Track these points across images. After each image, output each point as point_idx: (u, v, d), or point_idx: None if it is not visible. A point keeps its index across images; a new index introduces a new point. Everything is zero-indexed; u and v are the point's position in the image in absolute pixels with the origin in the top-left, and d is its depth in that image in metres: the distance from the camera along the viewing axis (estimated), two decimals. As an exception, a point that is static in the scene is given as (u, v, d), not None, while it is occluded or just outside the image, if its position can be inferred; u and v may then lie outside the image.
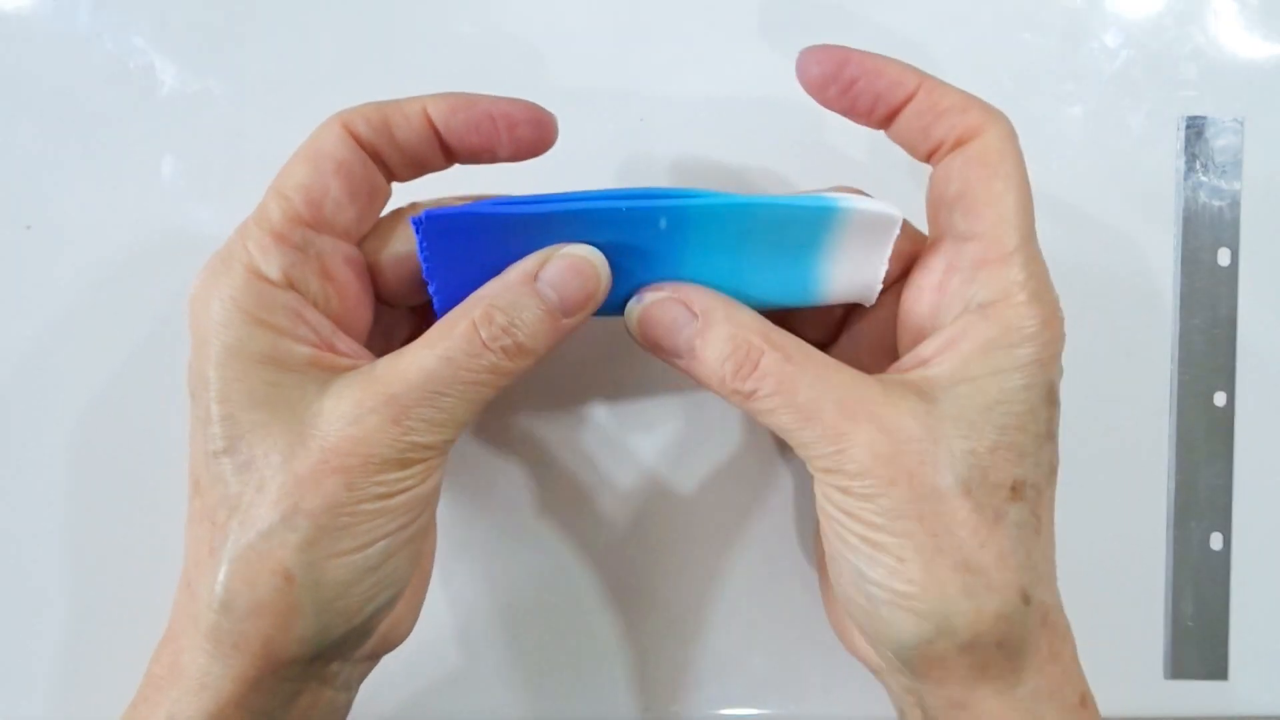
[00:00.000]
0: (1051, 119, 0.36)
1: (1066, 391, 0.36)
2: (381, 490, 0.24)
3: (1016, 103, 0.35)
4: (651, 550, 0.35)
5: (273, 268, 0.25)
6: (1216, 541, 0.36)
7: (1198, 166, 0.36)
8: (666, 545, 0.35)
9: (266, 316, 0.25)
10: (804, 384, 0.25)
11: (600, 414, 0.35)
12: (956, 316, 0.26)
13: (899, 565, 0.24)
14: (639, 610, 0.35)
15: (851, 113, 0.27)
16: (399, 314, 0.30)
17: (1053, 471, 0.26)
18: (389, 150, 0.27)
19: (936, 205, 0.27)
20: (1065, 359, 0.35)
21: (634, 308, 0.27)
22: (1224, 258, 0.36)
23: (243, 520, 0.24)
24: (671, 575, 0.35)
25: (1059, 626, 0.26)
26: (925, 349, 0.26)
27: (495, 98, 0.28)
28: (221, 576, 0.24)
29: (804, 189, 0.29)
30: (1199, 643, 0.35)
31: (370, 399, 0.24)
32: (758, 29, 0.35)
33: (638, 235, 0.26)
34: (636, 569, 0.35)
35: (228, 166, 0.35)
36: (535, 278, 0.25)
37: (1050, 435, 0.26)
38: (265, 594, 0.24)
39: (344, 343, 0.27)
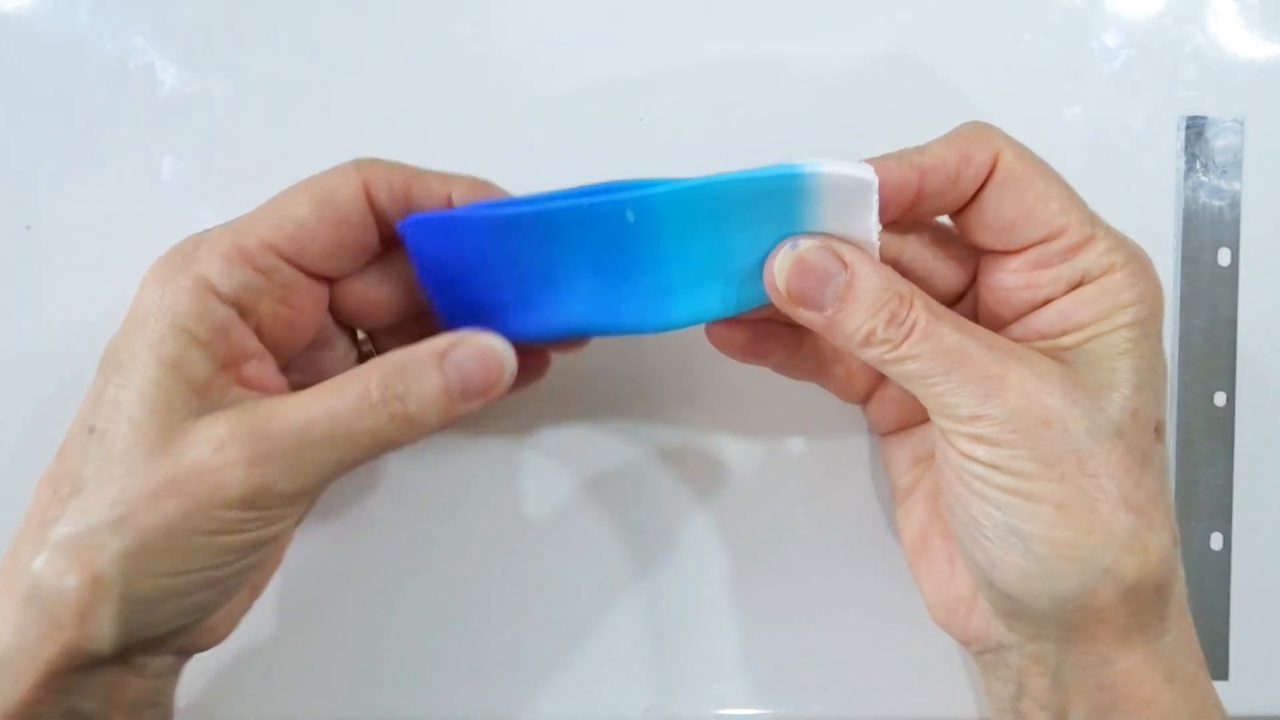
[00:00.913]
0: (1051, 119, 0.36)
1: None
2: (216, 526, 0.24)
3: (1016, 102, 0.36)
4: (651, 550, 0.35)
5: (226, 283, 0.25)
6: (1216, 541, 0.36)
7: (1198, 166, 0.36)
8: (666, 545, 0.35)
9: (192, 325, 0.25)
10: (950, 331, 0.25)
11: (599, 413, 0.35)
12: (1059, 297, 0.26)
13: (1059, 513, 0.24)
14: (639, 611, 0.35)
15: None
16: (339, 337, 0.30)
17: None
18: (399, 218, 0.27)
19: (995, 235, 0.27)
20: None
21: (787, 255, 0.26)
22: (1224, 258, 0.36)
23: (78, 506, 0.24)
24: (671, 576, 0.35)
25: (1181, 574, 0.27)
26: (1036, 323, 0.27)
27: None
28: (42, 556, 0.24)
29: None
30: (1199, 642, 0.35)
31: (238, 432, 0.24)
32: (757, 29, 0.35)
33: (609, 230, 0.26)
34: (636, 569, 0.35)
35: (228, 166, 0.35)
36: (443, 356, 0.25)
37: (1166, 381, 0.27)
38: (70, 588, 0.23)
39: (261, 370, 0.26)
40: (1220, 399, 0.36)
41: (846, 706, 0.35)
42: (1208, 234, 0.36)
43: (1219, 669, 0.35)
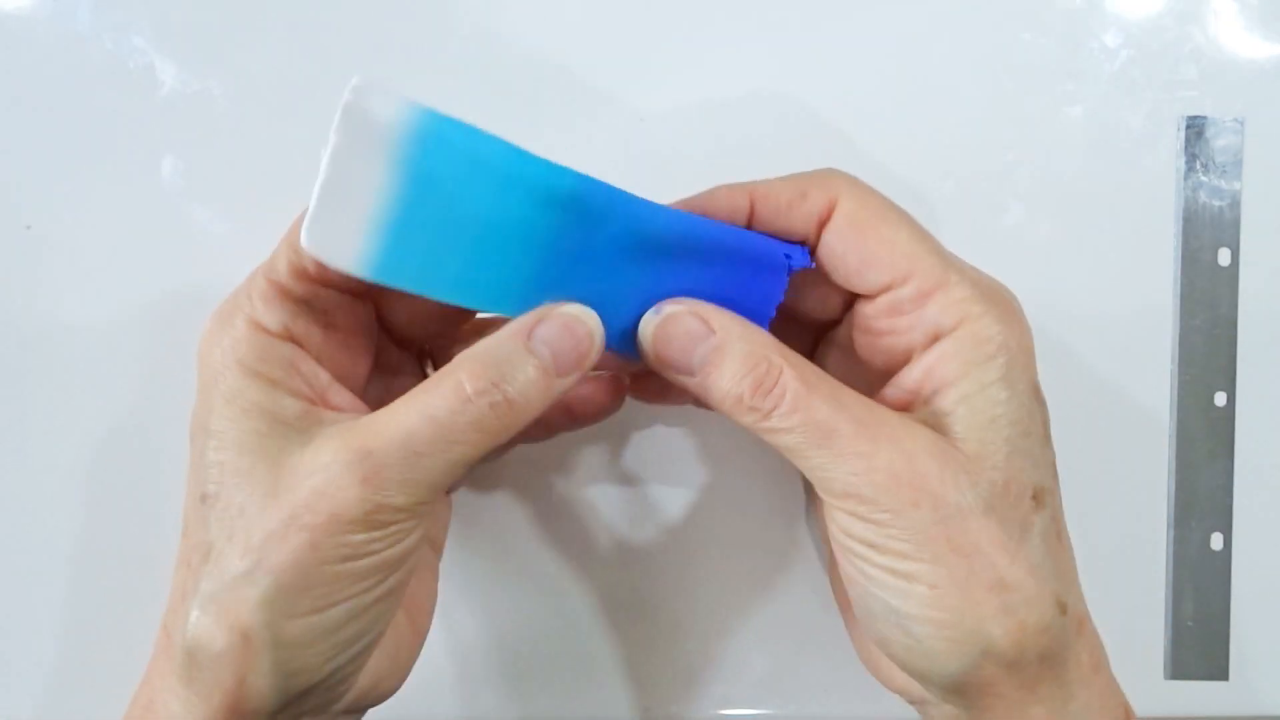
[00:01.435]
0: (1051, 119, 0.36)
1: (1067, 392, 0.36)
2: (347, 552, 0.24)
3: (1016, 103, 0.36)
4: (652, 551, 0.35)
5: (273, 320, 0.25)
6: (1217, 541, 0.36)
7: (1198, 166, 0.36)
8: (667, 546, 0.35)
9: (262, 368, 0.25)
10: (821, 403, 0.24)
11: (600, 414, 0.35)
12: (923, 349, 0.26)
13: (932, 593, 0.24)
14: (640, 611, 0.35)
15: None
16: (406, 361, 0.30)
17: (1055, 473, 0.26)
18: None
19: (846, 277, 0.27)
20: (1066, 361, 0.35)
21: (650, 320, 0.26)
22: (1224, 258, 0.36)
23: (212, 569, 0.24)
24: (672, 576, 0.35)
25: (1093, 634, 0.26)
26: (905, 381, 0.26)
27: None
28: (190, 623, 0.24)
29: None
30: (1199, 643, 0.35)
31: (344, 454, 0.23)
32: (757, 29, 0.35)
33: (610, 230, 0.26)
34: (637, 570, 0.35)
35: (228, 166, 0.35)
36: (530, 335, 0.25)
37: (1047, 436, 0.26)
38: (224, 647, 0.23)
39: (339, 396, 0.26)
40: (1220, 399, 0.36)
41: (846, 706, 0.35)
42: (1208, 234, 0.36)
43: (1219, 669, 0.35)
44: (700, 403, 0.28)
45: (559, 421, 0.30)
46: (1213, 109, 0.36)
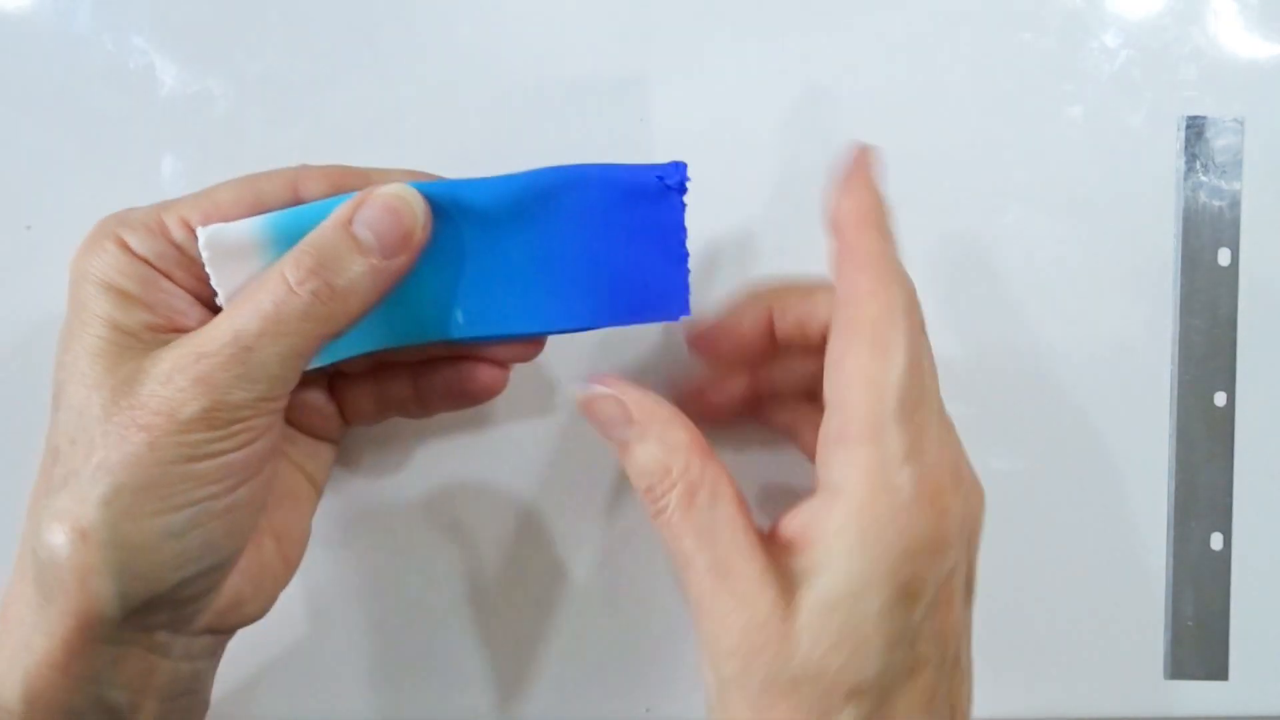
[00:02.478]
0: (1051, 119, 0.36)
1: (1067, 392, 0.36)
2: (186, 452, 0.24)
3: (1016, 103, 0.36)
4: (653, 551, 0.35)
5: (143, 247, 0.26)
6: (1216, 541, 0.36)
7: (1198, 166, 0.36)
8: (666, 545, 0.35)
9: (117, 282, 0.25)
10: (688, 537, 0.25)
11: (600, 414, 0.35)
12: (820, 491, 0.25)
13: None
14: (640, 610, 0.35)
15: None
16: None
17: (912, 672, 0.24)
18: None
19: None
20: (1065, 360, 0.35)
21: (579, 394, 0.27)
22: (1224, 258, 0.36)
23: (62, 472, 0.24)
24: (672, 575, 0.35)
25: None
26: (793, 523, 0.25)
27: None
28: (39, 527, 0.24)
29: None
30: (1199, 643, 0.35)
31: (182, 359, 0.24)
32: (757, 29, 0.35)
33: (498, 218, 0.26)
34: (638, 570, 0.35)
35: (228, 166, 0.34)
36: (350, 220, 0.25)
37: (904, 639, 0.24)
38: (65, 548, 0.23)
39: (196, 318, 0.26)
40: (1220, 399, 0.36)
41: (846, 706, 0.35)
42: (1208, 234, 0.36)
43: (1219, 669, 0.35)
44: (760, 419, 0.30)
45: (436, 402, 0.30)
46: (1213, 109, 0.36)
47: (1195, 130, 0.36)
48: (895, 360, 0.24)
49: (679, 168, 0.27)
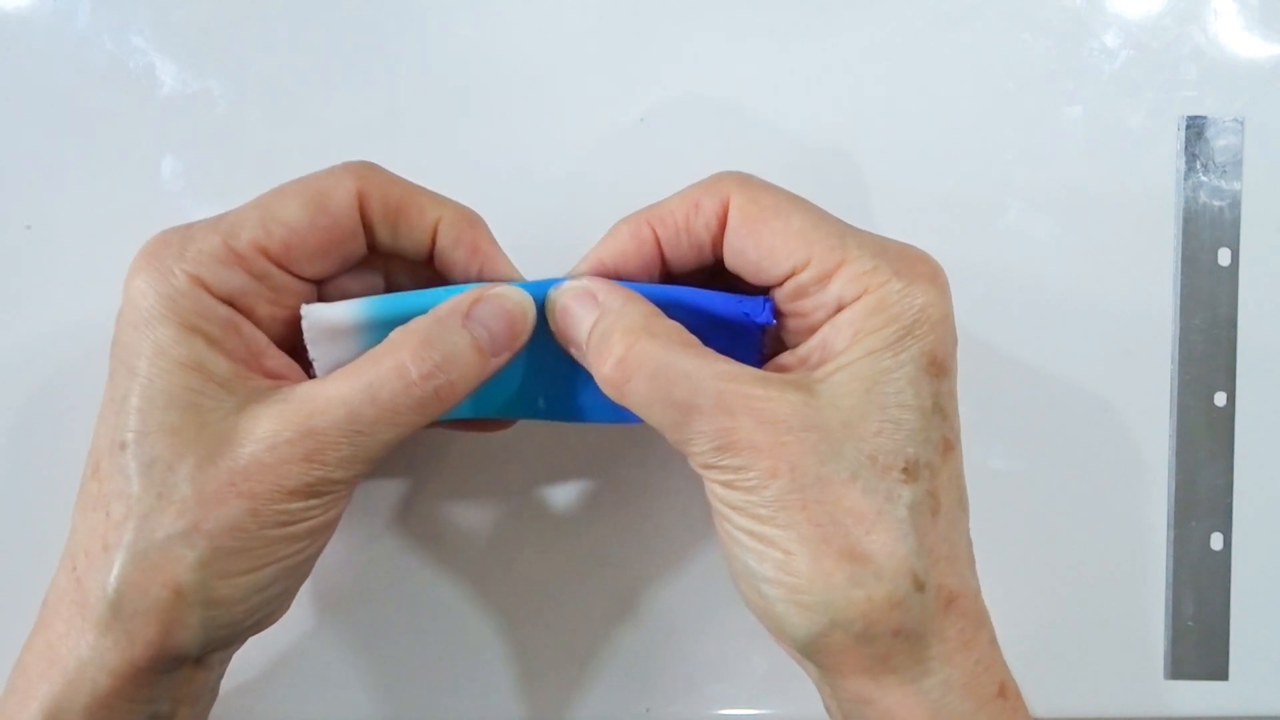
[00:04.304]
0: (1051, 119, 0.36)
1: (1066, 391, 0.36)
2: (285, 519, 0.24)
3: (1016, 103, 0.36)
4: (653, 551, 0.35)
5: (220, 284, 0.25)
6: (1216, 541, 0.36)
7: (1198, 166, 0.36)
8: (668, 546, 0.35)
9: (200, 325, 0.25)
10: (680, 376, 0.24)
11: (600, 414, 0.35)
12: (825, 320, 0.26)
13: (786, 558, 0.24)
14: (640, 611, 0.35)
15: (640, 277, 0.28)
16: None
17: (948, 447, 0.25)
18: (385, 233, 0.27)
19: (753, 274, 0.27)
20: (1065, 360, 0.35)
21: (554, 297, 0.27)
22: (1224, 258, 0.36)
23: (140, 524, 0.24)
24: (672, 577, 0.35)
25: (971, 612, 0.25)
26: (802, 350, 0.26)
27: (494, 249, 0.28)
28: (114, 576, 0.24)
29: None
30: (1199, 643, 0.35)
31: (288, 428, 0.24)
32: (756, 29, 0.35)
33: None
34: (637, 570, 0.35)
35: (228, 166, 0.35)
36: (468, 315, 0.25)
37: (938, 409, 0.25)
38: (154, 603, 0.24)
39: (276, 360, 0.27)
40: (1220, 399, 0.36)
41: (846, 706, 0.35)
42: (1208, 234, 0.36)
43: (1219, 669, 0.35)
44: None
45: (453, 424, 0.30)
46: (1213, 109, 0.36)
47: (1195, 130, 0.36)
48: (796, 203, 0.26)
49: (766, 306, 0.27)
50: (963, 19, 0.36)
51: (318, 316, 0.26)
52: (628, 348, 0.25)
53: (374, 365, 0.25)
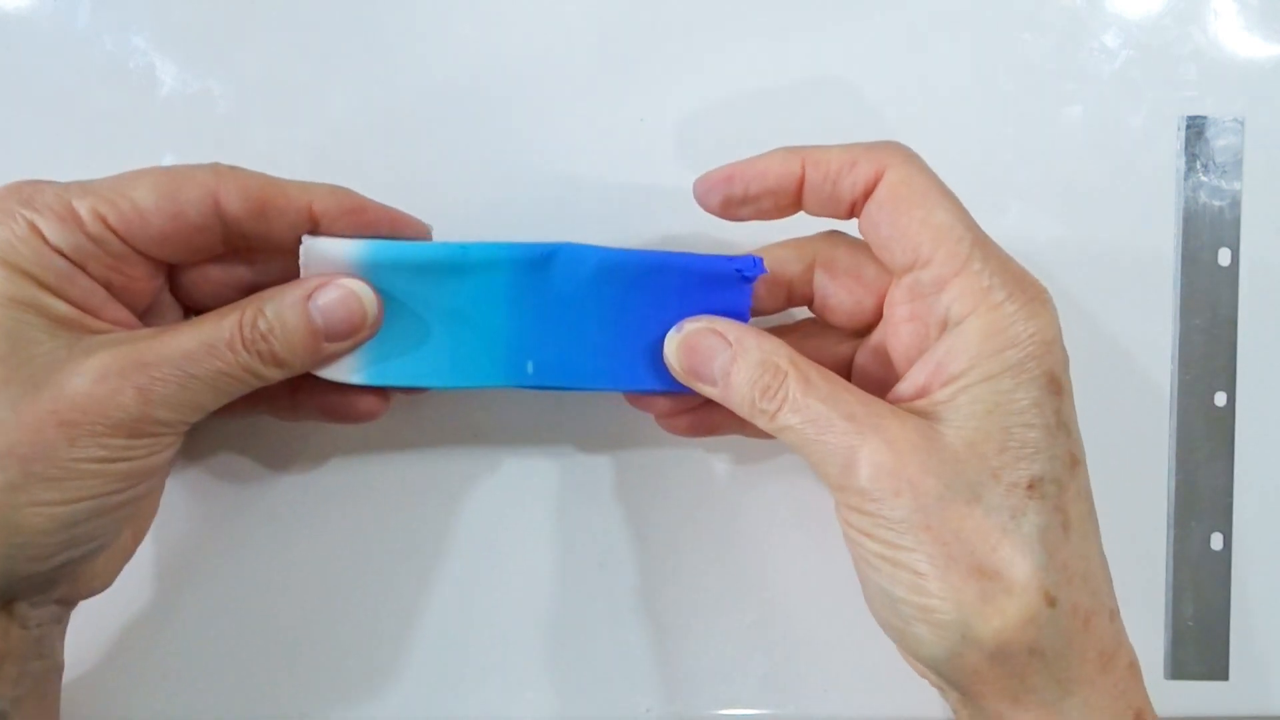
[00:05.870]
0: (1051, 119, 0.36)
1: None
2: (104, 454, 0.25)
3: (1016, 103, 0.36)
4: (653, 551, 0.35)
5: (60, 239, 0.25)
6: (1216, 541, 0.36)
7: (1198, 166, 0.36)
8: (668, 546, 0.35)
9: (35, 271, 0.25)
10: (817, 403, 0.25)
11: (600, 412, 0.35)
12: (937, 338, 0.26)
13: (917, 579, 0.24)
14: (640, 610, 0.35)
15: (767, 216, 0.29)
16: (178, 318, 0.30)
17: (1075, 463, 0.26)
18: (257, 225, 0.27)
19: (880, 251, 0.28)
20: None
21: (673, 337, 0.28)
22: (1224, 258, 0.36)
23: None
24: (672, 576, 0.35)
25: (1110, 633, 0.26)
26: (918, 374, 0.27)
27: (386, 208, 0.28)
28: None
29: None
30: (1199, 643, 0.35)
31: (121, 362, 0.25)
32: (756, 29, 0.35)
33: (531, 281, 0.28)
34: (637, 570, 0.35)
35: (228, 166, 0.35)
36: (310, 297, 0.27)
37: (1062, 425, 0.26)
38: None
39: (115, 312, 0.27)
40: (1220, 399, 0.36)
41: (846, 706, 0.35)
42: (1208, 234, 0.36)
43: (1219, 669, 0.35)
44: (741, 429, 0.30)
45: (310, 411, 0.31)
46: (1213, 109, 0.36)
47: (1195, 130, 0.36)
48: (946, 200, 0.26)
49: (756, 263, 0.29)
50: (963, 19, 0.36)
51: (316, 249, 0.27)
52: (774, 374, 0.26)
53: (216, 318, 0.26)
